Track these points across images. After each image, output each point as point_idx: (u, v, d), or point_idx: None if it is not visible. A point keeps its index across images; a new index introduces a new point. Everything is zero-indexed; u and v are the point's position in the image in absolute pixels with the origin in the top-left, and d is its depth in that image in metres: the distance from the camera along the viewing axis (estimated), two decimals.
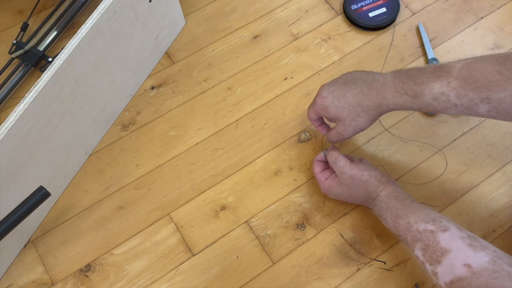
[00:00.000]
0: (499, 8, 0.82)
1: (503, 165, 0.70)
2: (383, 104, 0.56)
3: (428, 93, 0.52)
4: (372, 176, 0.61)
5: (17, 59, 0.78)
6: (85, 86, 0.63)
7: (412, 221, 0.55)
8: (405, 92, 0.54)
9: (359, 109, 0.58)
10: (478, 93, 0.50)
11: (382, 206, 0.59)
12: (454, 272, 0.48)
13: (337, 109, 0.59)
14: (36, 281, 0.65)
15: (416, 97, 0.53)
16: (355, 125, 0.59)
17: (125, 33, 0.66)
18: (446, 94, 0.52)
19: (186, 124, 0.75)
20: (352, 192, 0.62)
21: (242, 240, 0.67)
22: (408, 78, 0.54)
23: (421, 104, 0.54)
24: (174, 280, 0.64)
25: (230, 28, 0.82)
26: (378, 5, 0.82)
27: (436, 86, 0.52)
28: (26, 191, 0.57)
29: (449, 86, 0.51)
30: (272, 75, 0.78)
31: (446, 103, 0.52)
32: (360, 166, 0.61)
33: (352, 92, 0.58)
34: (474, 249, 0.49)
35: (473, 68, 0.50)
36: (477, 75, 0.50)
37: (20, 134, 0.55)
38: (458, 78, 0.51)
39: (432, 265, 0.51)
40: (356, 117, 0.59)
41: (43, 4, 0.85)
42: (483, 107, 0.50)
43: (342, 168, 0.62)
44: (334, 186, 0.63)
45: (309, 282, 0.64)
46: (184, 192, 0.70)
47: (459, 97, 0.51)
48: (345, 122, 0.60)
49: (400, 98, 0.55)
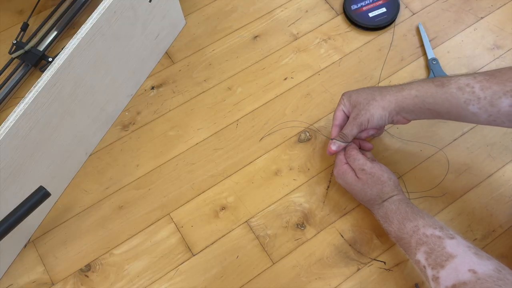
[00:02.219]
0: (499, 8, 0.83)
1: (503, 165, 0.70)
2: (404, 89, 0.58)
3: (454, 83, 0.55)
4: (391, 179, 0.61)
5: (17, 59, 0.78)
6: (85, 86, 0.63)
7: (420, 224, 0.54)
8: (432, 81, 0.57)
9: (377, 92, 0.59)
10: (502, 86, 0.52)
11: (391, 208, 0.59)
12: (458, 276, 0.48)
13: (357, 94, 0.61)
14: (36, 281, 0.65)
15: (441, 86, 0.56)
16: (367, 110, 0.60)
17: (125, 33, 0.66)
18: (471, 86, 0.54)
19: (186, 124, 0.75)
20: (366, 188, 0.61)
21: (242, 240, 0.67)
22: (436, 77, 0.58)
23: (444, 94, 0.55)
24: (174, 280, 0.64)
25: (230, 28, 0.82)
26: (378, 5, 0.82)
27: (463, 78, 0.55)
28: (26, 191, 0.57)
29: (474, 79, 0.54)
30: (272, 75, 0.78)
31: (470, 94, 0.54)
32: (382, 167, 0.62)
33: (378, 91, 0.61)
34: (480, 257, 0.49)
35: (499, 69, 0.54)
36: (502, 71, 0.54)
37: (20, 134, 0.55)
38: (483, 74, 0.55)
39: (434, 269, 0.50)
40: (371, 101, 0.59)
41: (43, 4, 0.85)
42: (506, 101, 0.52)
43: (361, 165, 0.61)
44: (349, 174, 0.62)
45: (309, 282, 0.64)
46: (184, 192, 0.70)
47: (484, 89, 0.53)
48: (360, 106, 0.60)
49: (424, 85, 0.57)
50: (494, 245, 0.66)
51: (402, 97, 0.58)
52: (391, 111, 0.59)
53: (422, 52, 0.79)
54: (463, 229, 0.67)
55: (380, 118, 0.60)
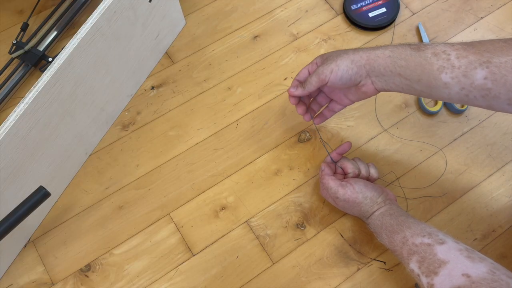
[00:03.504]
0: (499, 8, 0.83)
1: (503, 165, 0.70)
2: (379, 48, 0.55)
3: (431, 48, 0.52)
4: (367, 198, 0.61)
5: (17, 59, 0.78)
6: (85, 86, 0.63)
7: (408, 235, 0.54)
8: (409, 44, 0.54)
9: (351, 50, 0.56)
10: (479, 56, 0.49)
11: (377, 224, 0.59)
12: (452, 282, 0.47)
13: (331, 52, 0.59)
14: (36, 281, 0.65)
15: (417, 50, 0.53)
16: (334, 61, 0.56)
17: (125, 33, 0.66)
18: (447, 52, 0.51)
19: (186, 124, 0.75)
20: (347, 210, 0.64)
21: (242, 240, 0.67)
22: (408, 43, 0.54)
23: (418, 57, 0.52)
24: (174, 280, 0.64)
25: (230, 28, 0.82)
26: (378, 5, 0.82)
27: (440, 45, 0.52)
28: (26, 191, 0.57)
29: (452, 46, 0.51)
30: (272, 75, 0.78)
31: (445, 61, 0.51)
32: (355, 188, 0.61)
33: (348, 52, 0.57)
34: (472, 260, 0.48)
35: (479, 41, 0.51)
36: (482, 42, 0.50)
37: (20, 134, 0.55)
38: (462, 44, 0.51)
39: (428, 277, 0.49)
40: (342, 54, 0.56)
41: (43, 4, 0.85)
42: (481, 72, 0.49)
43: (334, 193, 0.62)
44: (330, 199, 0.64)
45: (309, 282, 0.64)
46: (184, 192, 0.70)
47: (459, 57, 0.50)
48: (328, 59, 0.57)
49: (400, 47, 0.54)
50: (494, 245, 0.66)
51: (375, 55, 0.55)
52: (360, 67, 0.55)
53: None
54: (463, 229, 0.67)
55: (346, 71, 0.56)
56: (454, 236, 0.60)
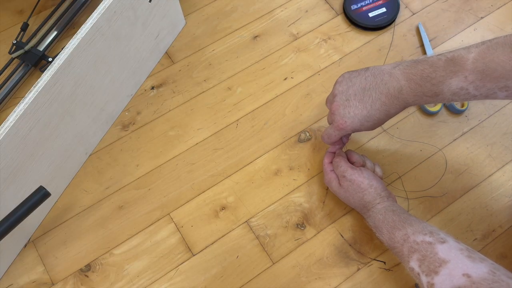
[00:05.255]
0: (499, 8, 0.83)
1: (503, 165, 0.70)
2: (406, 105, 0.56)
3: (447, 91, 0.52)
4: (372, 186, 0.61)
5: (17, 59, 0.78)
6: (85, 86, 0.63)
7: (410, 232, 0.54)
8: (424, 94, 0.54)
9: (387, 118, 0.58)
10: (496, 83, 0.50)
11: (378, 218, 0.59)
12: (452, 282, 0.47)
13: (368, 128, 0.59)
14: (36, 281, 0.65)
15: (436, 96, 0.53)
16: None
17: (125, 33, 0.66)
18: (465, 89, 0.51)
19: (186, 124, 0.75)
20: (348, 196, 0.63)
21: (242, 240, 0.67)
22: (423, 80, 0.53)
23: (441, 100, 0.54)
24: (174, 280, 0.64)
25: (230, 28, 0.82)
26: (378, 5, 0.82)
27: (454, 83, 0.52)
28: (26, 191, 0.57)
29: (466, 80, 0.51)
30: (272, 75, 0.78)
31: (466, 95, 0.52)
32: (363, 173, 0.61)
33: (375, 108, 0.57)
34: (473, 260, 0.48)
35: (488, 59, 0.49)
36: (492, 65, 0.49)
37: (20, 134, 0.55)
38: (474, 72, 0.50)
39: (428, 276, 0.49)
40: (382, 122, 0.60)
41: (43, 4, 0.85)
42: (501, 94, 0.50)
43: (342, 172, 0.62)
44: (333, 183, 0.64)
45: (309, 282, 0.64)
46: (184, 192, 0.70)
47: (478, 88, 0.51)
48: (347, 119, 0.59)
49: (420, 99, 0.54)
50: (494, 245, 0.66)
51: (405, 108, 0.57)
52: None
53: (422, 52, 0.79)
54: (463, 229, 0.67)
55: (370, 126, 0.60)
56: (454, 236, 0.59)
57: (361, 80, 0.58)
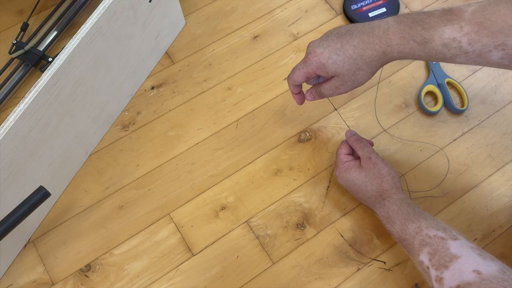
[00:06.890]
0: None
1: (503, 165, 0.70)
2: (387, 52, 0.51)
3: (438, 38, 0.48)
4: (391, 175, 0.61)
5: (17, 59, 0.78)
6: (85, 86, 0.63)
7: (423, 226, 0.54)
8: (412, 38, 0.49)
9: (361, 61, 0.53)
10: (493, 38, 0.46)
11: (393, 208, 0.58)
12: (462, 277, 0.47)
13: (336, 65, 0.54)
14: (36, 281, 0.65)
15: (424, 44, 0.49)
16: (355, 79, 0.55)
17: (125, 33, 0.66)
18: (457, 40, 0.47)
19: (186, 124, 0.75)
20: (367, 182, 0.61)
21: (242, 240, 0.67)
22: (415, 23, 0.49)
23: (429, 51, 0.49)
24: (174, 280, 0.64)
25: (230, 28, 0.82)
26: (378, 5, 0.82)
27: (447, 31, 0.48)
28: (26, 191, 0.57)
29: (461, 31, 0.47)
30: (272, 75, 0.78)
31: (457, 50, 0.48)
32: (385, 162, 0.62)
33: (351, 43, 0.53)
34: (484, 258, 0.48)
35: (489, 11, 0.46)
36: (493, 18, 0.45)
37: (20, 134, 0.55)
38: (471, 22, 0.46)
39: (438, 270, 0.49)
40: (357, 71, 0.54)
41: (43, 4, 0.85)
42: (496, 54, 0.46)
43: (369, 153, 0.62)
44: (352, 169, 0.63)
45: (309, 282, 0.64)
46: (184, 192, 0.70)
47: (472, 43, 0.47)
48: (345, 77, 0.55)
49: (406, 45, 0.50)
50: (494, 245, 0.66)
51: (386, 59, 0.53)
52: (376, 71, 0.55)
53: None
54: (463, 229, 0.67)
55: (366, 81, 0.56)
56: None
57: (349, 25, 0.56)
